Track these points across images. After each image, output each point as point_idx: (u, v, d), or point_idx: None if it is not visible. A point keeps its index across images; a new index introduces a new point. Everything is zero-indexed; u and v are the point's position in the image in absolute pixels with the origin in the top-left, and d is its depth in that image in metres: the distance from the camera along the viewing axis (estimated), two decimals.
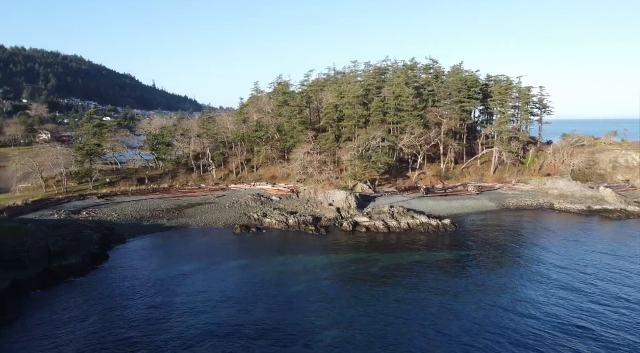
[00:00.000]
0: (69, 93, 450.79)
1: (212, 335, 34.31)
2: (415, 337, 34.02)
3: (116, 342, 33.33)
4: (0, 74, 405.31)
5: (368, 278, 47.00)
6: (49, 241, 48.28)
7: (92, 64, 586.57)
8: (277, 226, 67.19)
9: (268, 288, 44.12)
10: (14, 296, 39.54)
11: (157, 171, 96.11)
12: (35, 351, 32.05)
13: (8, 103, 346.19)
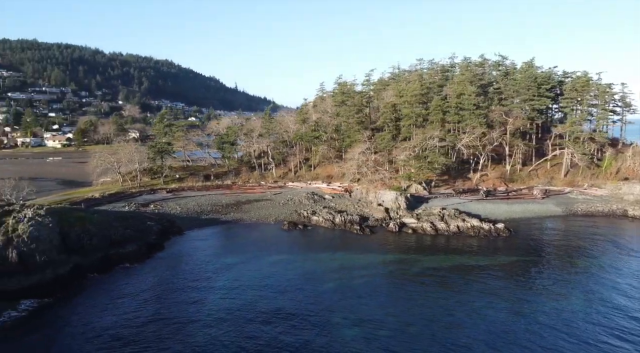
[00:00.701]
0: (159, 95, 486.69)
1: (237, 319, 36.89)
2: (435, 340, 33.60)
3: (156, 319, 37.00)
4: (100, 77, 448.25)
5: (403, 279, 46.88)
6: (111, 230, 53.81)
7: (181, 68, 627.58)
8: (324, 224, 68.63)
9: (301, 282, 45.75)
10: (75, 278, 44.77)
11: (222, 168, 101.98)
12: (89, 324, 36.24)
13: (105, 104, 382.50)
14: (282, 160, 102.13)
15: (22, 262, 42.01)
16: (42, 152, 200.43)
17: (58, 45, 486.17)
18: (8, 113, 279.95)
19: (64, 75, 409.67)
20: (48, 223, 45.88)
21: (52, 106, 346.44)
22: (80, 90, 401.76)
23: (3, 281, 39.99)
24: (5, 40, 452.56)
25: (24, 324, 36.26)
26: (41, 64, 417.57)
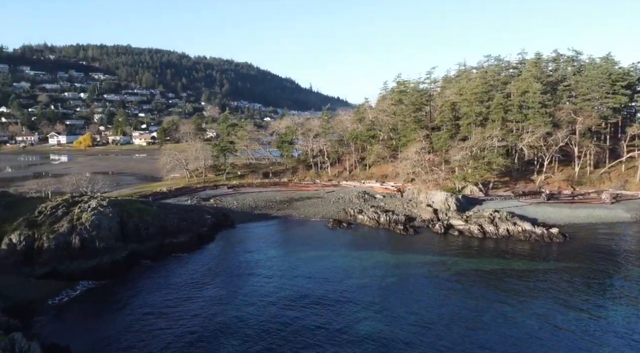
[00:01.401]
0: (238, 96, 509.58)
1: (265, 304, 39.43)
2: (455, 340, 33.26)
3: (198, 302, 40.26)
4: (185, 79, 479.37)
5: (435, 280, 46.21)
6: (167, 222, 58.74)
7: (259, 70, 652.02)
8: (368, 223, 69.15)
9: (333, 275, 46.87)
10: (130, 263, 49.72)
11: (281, 167, 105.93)
12: (138, 304, 40.36)
13: (189, 105, 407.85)
14: (338, 159, 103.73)
15: (84, 247, 47.53)
16: (130, 149, 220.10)
17: (149, 50, 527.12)
18: (103, 113, 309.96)
19: (154, 78, 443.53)
20: (108, 213, 51.42)
21: (142, 107, 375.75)
22: (167, 92, 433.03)
23: (65, 264, 45.64)
24: (103, 46, 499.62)
25: (79, 302, 41.15)
26: (133, 68, 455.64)
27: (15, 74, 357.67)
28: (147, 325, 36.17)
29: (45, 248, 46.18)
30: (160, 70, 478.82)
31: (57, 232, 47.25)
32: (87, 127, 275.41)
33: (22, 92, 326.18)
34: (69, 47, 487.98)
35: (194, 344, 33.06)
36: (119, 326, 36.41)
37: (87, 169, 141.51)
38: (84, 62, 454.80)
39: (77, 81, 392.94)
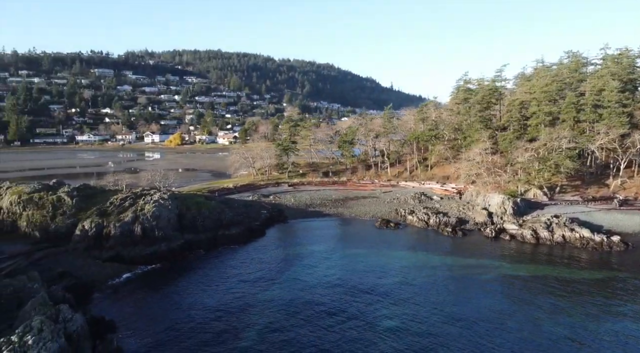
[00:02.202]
0: (318, 97, 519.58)
1: (289, 302, 41.26)
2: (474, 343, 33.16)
3: (240, 289, 43.57)
4: (269, 81, 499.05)
5: (470, 282, 45.43)
6: (222, 215, 63.53)
7: (340, 70, 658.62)
8: (417, 224, 68.79)
9: (366, 276, 47.74)
10: (185, 252, 54.80)
11: (341, 166, 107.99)
12: (188, 288, 44.62)
13: (272, 106, 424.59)
14: (398, 160, 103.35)
15: (144, 235, 53.37)
16: (214, 148, 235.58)
17: (237, 54, 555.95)
18: (193, 114, 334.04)
19: (240, 81, 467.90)
20: (168, 206, 57.13)
21: (229, 108, 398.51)
22: (252, 94, 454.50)
23: (128, 249, 51.64)
24: (196, 51, 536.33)
25: (135, 284, 46.42)
26: (223, 71, 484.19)
27: (119, 78, 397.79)
28: (193, 307, 39.79)
29: (112, 235, 52.59)
30: (247, 73, 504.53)
31: (122, 221, 53.58)
32: (179, 127, 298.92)
33: (124, 94, 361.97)
34: (166, 53, 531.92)
35: (233, 324, 36.22)
36: (167, 307, 40.54)
37: (172, 165, 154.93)
38: (179, 66, 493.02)
39: (173, 84, 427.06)
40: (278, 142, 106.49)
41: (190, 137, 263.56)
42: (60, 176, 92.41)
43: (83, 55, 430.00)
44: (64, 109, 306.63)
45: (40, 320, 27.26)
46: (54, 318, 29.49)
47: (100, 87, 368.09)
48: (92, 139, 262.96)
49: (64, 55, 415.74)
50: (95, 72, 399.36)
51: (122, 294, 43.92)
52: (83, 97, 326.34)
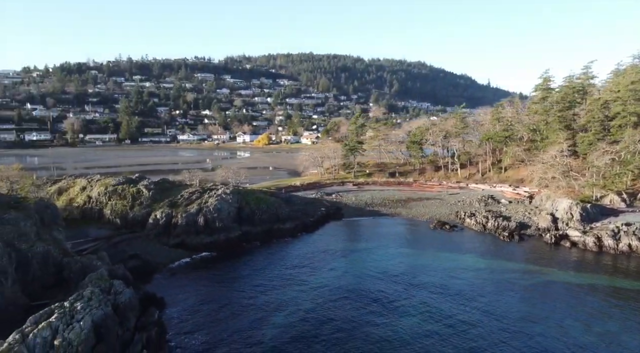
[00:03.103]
0: (407, 96, 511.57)
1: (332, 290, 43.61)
2: None
3: (289, 278, 46.90)
4: (357, 82, 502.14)
5: (509, 288, 44.03)
6: (279, 210, 67.66)
7: (432, 68, 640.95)
8: (474, 227, 67.00)
9: (403, 272, 48.46)
10: (241, 242, 59.64)
11: (410, 166, 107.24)
12: (241, 273, 49.16)
13: (358, 106, 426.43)
14: (470, 161, 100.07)
15: (206, 225, 59.09)
16: (296, 147, 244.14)
17: (328, 56, 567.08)
18: (282, 115, 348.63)
19: (329, 82, 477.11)
20: (229, 200, 62.49)
21: (317, 109, 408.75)
22: (340, 95, 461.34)
23: (191, 237, 57.64)
24: (289, 54, 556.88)
25: (193, 268, 51.88)
26: (313, 74, 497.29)
27: (219, 81, 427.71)
28: (240, 292, 43.73)
29: (179, 224, 59.00)
30: (335, 74, 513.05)
31: (188, 212, 59.85)
32: (268, 127, 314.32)
33: (222, 97, 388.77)
34: (262, 57, 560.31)
35: (274, 310, 39.16)
36: (215, 290, 44.95)
37: (255, 163, 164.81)
38: (273, 70, 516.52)
39: (266, 87, 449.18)
40: (345, 143, 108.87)
41: (276, 137, 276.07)
42: (165, 171, 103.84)
43: (188, 61, 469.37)
44: (169, 110, 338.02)
45: (91, 291, 32.73)
46: (107, 290, 34.96)
47: (201, 90, 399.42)
48: (191, 138, 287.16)
49: (172, 61, 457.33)
50: (198, 76, 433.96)
51: (179, 276, 49.45)
52: (186, 100, 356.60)
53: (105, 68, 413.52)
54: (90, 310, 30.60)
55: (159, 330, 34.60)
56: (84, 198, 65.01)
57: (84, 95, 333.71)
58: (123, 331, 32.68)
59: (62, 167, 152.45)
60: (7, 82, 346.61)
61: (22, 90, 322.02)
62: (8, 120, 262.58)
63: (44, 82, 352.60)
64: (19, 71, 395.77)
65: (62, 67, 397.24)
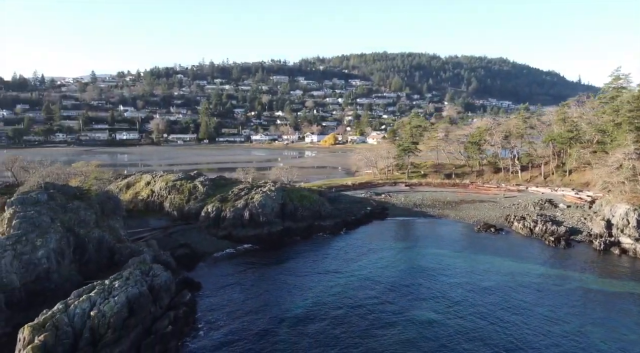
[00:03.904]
0: (486, 94, 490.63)
1: (365, 286, 45.47)
2: None
3: (316, 273, 49.81)
4: (432, 80, 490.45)
5: (542, 293, 42.77)
6: (322, 208, 70.24)
7: (515, 64, 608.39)
8: (521, 231, 64.72)
9: (432, 274, 48.77)
10: (283, 236, 63.02)
11: (468, 168, 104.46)
12: (281, 265, 52.32)
13: (431, 105, 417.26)
14: (531, 163, 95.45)
15: (251, 219, 63.23)
16: (361, 147, 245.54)
17: (402, 54, 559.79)
18: (352, 116, 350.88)
19: (402, 81, 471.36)
20: (273, 196, 66.25)
21: (388, 109, 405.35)
22: (412, 94, 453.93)
23: (237, 230, 62.07)
24: (362, 54, 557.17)
25: (235, 257, 55.89)
26: (385, 73, 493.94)
27: (292, 83, 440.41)
28: (274, 282, 46.64)
29: (227, 217, 63.71)
30: (409, 73, 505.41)
31: (236, 207, 64.43)
32: (336, 128, 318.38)
33: (295, 98, 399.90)
34: (335, 58, 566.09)
35: (304, 301, 41.18)
36: (252, 278, 48.24)
37: (317, 162, 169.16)
38: (345, 70, 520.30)
39: (338, 88, 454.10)
40: (398, 143, 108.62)
41: (343, 137, 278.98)
42: (230, 169, 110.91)
43: (265, 64, 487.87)
44: (245, 112, 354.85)
45: (129, 272, 37.62)
46: (146, 273, 39.73)
47: (276, 92, 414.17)
48: (263, 138, 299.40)
49: (250, 65, 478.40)
50: (274, 78, 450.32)
51: (220, 264, 53.68)
52: (261, 102, 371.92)
53: (190, 72, 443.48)
54: (126, 288, 35.27)
55: (188, 310, 38.72)
56: (147, 192, 72.35)
57: (170, 97, 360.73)
58: (156, 308, 37.12)
59: (148, 163, 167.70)
60: (104, 85, 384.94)
61: (115, 93, 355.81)
62: (102, 120, 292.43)
63: (136, 86, 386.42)
64: (114, 75, 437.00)
65: (152, 71, 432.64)
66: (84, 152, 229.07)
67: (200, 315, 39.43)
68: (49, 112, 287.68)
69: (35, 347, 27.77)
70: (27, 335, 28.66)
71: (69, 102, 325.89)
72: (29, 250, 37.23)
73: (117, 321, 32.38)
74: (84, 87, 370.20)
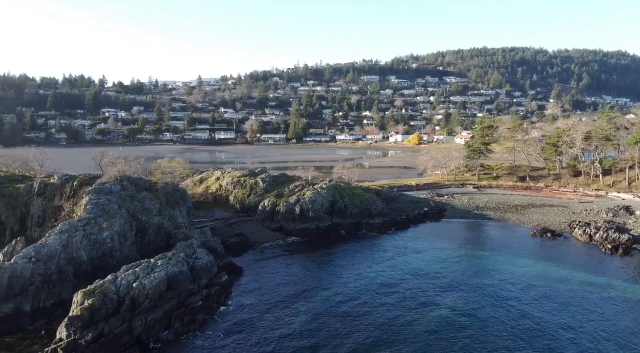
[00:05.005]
0: (599, 90, 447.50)
1: (392, 285, 47.56)
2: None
3: (355, 269, 52.83)
4: (537, 76, 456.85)
5: (583, 301, 41.07)
6: (372, 206, 71.99)
7: (635, 58, 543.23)
8: (580, 238, 60.68)
9: (467, 274, 48.23)
10: (329, 231, 66.26)
11: (545, 171, 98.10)
12: (323, 259, 55.59)
13: (534, 103, 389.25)
14: (614, 166, 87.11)
15: (301, 214, 67.32)
16: (447, 148, 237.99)
17: (503, 49, 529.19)
18: (443, 115, 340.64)
19: (502, 77, 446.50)
20: (324, 194, 69.73)
21: (484, 107, 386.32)
22: (514, 91, 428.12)
23: (288, 224, 66.53)
24: (460, 51, 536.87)
25: (282, 248, 60.07)
26: (484, 69, 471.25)
27: (383, 83, 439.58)
28: (312, 273, 49.98)
29: (281, 212, 68.54)
30: (511, 68, 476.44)
31: (288, 202, 69.03)
32: (424, 127, 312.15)
33: (385, 98, 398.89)
34: (430, 55, 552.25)
35: (339, 296, 43.12)
36: (292, 269, 51.69)
37: (394, 162, 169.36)
38: (440, 68, 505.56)
39: (431, 86, 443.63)
40: (469, 144, 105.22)
41: (429, 137, 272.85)
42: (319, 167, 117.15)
43: (356, 65, 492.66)
44: (333, 112, 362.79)
45: (173, 253, 43.64)
46: (190, 255, 45.64)
47: (366, 92, 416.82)
48: (347, 138, 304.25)
49: (342, 66, 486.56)
50: (364, 79, 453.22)
51: (267, 253, 58.15)
52: (350, 102, 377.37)
53: (285, 75, 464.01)
54: (167, 267, 41.13)
55: (221, 289, 43.71)
56: (217, 187, 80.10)
57: (265, 99, 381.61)
58: (194, 286, 42.61)
59: (243, 161, 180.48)
60: (209, 89, 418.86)
61: (218, 96, 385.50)
62: (204, 121, 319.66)
63: (236, 89, 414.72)
64: (218, 79, 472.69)
65: (251, 75, 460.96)
66: (187, 150, 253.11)
67: (233, 296, 44.18)
68: (160, 114, 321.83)
69: (84, 308, 34.31)
70: (79, 298, 35.36)
71: (178, 104, 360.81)
72: (96, 232, 44.99)
73: (155, 293, 38.14)
74: (191, 90, 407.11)
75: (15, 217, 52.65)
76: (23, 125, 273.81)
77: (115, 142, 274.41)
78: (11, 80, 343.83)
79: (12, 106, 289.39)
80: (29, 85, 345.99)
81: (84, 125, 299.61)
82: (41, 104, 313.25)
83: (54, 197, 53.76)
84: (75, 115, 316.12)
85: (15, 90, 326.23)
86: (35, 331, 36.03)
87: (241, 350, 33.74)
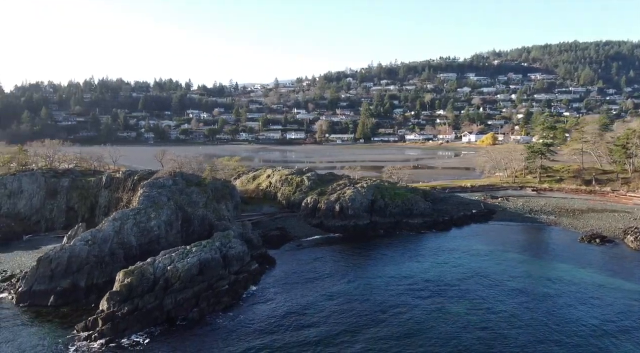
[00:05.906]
0: None
1: (422, 286, 48.85)
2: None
3: (387, 268, 54.80)
4: (634, 72, 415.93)
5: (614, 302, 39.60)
6: (414, 206, 72.23)
7: None
8: (631, 244, 56.79)
9: (499, 277, 47.10)
10: (367, 229, 67.77)
11: (612, 174, 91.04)
12: (356, 253, 57.44)
13: (630, 101, 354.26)
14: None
15: (341, 211, 69.61)
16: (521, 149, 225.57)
17: (596, 43, 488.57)
18: (524, 113, 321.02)
19: (594, 73, 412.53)
20: (363, 192, 71.48)
21: (572, 105, 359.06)
22: (607, 88, 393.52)
23: (327, 220, 69.14)
24: (547, 45, 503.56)
25: (318, 243, 62.31)
26: (573, 65, 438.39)
27: (461, 80, 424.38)
28: (342, 268, 51.64)
29: (321, 208, 71.37)
30: (604, 64, 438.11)
31: (329, 200, 71.70)
32: (501, 127, 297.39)
33: (461, 96, 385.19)
34: (513, 51, 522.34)
35: (368, 293, 43.88)
36: (325, 263, 53.43)
37: (460, 163, 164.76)
38: (524, 63, 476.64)
39: (513, 83, 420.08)
40: (529, 145, 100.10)
41: (505, 137, 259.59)
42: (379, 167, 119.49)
43: (432, 62, 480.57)
44: (404, 112, 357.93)
45: (207, 241, 48.34)
46: (224, 244, 50.18)
47: (441, 90, 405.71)
48: (417, 138, 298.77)
49: (417, 64, 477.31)
50: (440, 76, 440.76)
51: (303, 247, 61.17)
52: (423, 100, 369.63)
53: (358, 75, 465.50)
54: (200, 253, 45.87)
55: (249, 276, 47.63)
56: (267, 183, 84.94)
57: (337, 100, 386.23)
58: (225, 272, 46.98)
59: (311, 160, 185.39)
60: (284, 90, 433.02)
61: (292, 98, 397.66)
62: (277, 122, 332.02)
63: (310, 90, 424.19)
64: (294, 81, 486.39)
65: (325, 76, 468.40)
66: (260, 149, 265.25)
67: (261, 283, 47.82)
68: (237, 114, 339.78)
69: (123, 284, 39.77)
70: (121, 276, 40.89)
71: (254, 105, 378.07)
72: (145, 220, 51.08)
73: (186, 276, 42.79)
74: (267, 92, 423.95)
75: (85, 205, 61.10)
76: (117, 125, 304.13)
77: (196, 141, 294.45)
78: (108, 83, 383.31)
79: (109, 107, 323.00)
80: (123, 88, 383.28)
81: (170, 125, 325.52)
82: (133, 106, 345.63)
83: (117, 189, 61.48)
84: (163, 116, 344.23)
85: (111, 93, 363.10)
86: (87, 304, 41.88)
87: (259, 333, 36.17)
